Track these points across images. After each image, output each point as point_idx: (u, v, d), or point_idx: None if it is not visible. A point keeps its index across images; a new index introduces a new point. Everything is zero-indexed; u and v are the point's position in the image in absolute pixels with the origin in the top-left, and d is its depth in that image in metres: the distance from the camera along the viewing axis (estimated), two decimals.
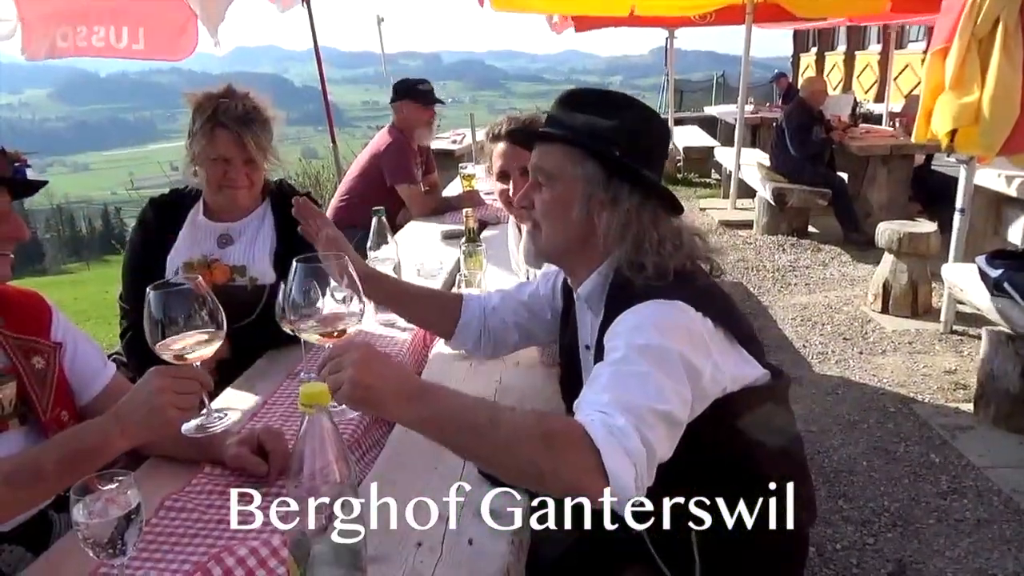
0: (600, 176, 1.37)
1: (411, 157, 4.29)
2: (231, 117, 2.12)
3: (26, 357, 1.49)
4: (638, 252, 1.34)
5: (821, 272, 6.02)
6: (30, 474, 1.23)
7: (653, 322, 1.24)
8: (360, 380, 1.08)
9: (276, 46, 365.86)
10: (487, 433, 1.11)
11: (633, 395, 1.15)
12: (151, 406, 1.23)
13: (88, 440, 1.26)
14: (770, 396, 1.39)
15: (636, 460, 1.08)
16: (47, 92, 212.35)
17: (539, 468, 1.09)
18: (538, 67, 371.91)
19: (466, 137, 7.74)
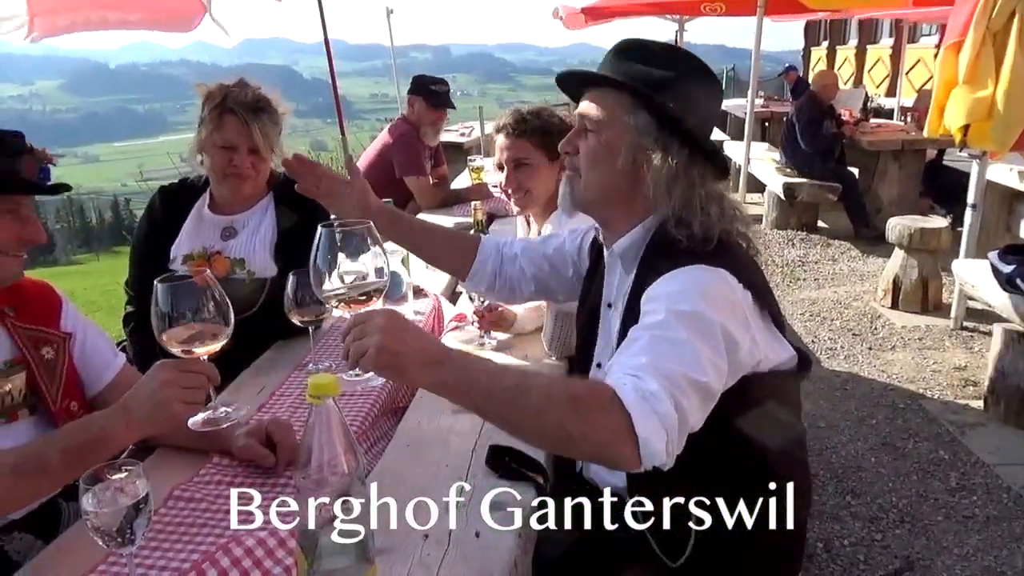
0: (651, 126, 1.34)
1: (421, 149, 4.29)
2: (240, 104, 2.12)
3: (36, 347, 1.49)
4: (686, 209, 1.31)
5: (830, 267, 5.99)
6: (36, 465, 1.24)
7: (696, 288, 1.22)
8: (387, 346, 1.07)
9: (285, 38, 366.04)
10: (515, 398, 1.10)
11: (669, 361, 1.13)
12: (157, 400, 1.24)
13: (94, 432, 1.26)
14: (794, 381, 1.39)
15: (668, 426, 1.07)
16: (57, 83, 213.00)
17: (567, 431, 1.08)
18: (548, 60, 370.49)
19: (475, 130, 7.72)
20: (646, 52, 1.40)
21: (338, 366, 1.96)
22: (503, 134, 2.26)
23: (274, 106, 2.18)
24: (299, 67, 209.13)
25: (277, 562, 1.16)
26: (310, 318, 1.85)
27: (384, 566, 1.14)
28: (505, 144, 2.26)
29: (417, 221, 1.86)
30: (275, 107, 2.19)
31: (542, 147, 2.21)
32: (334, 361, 1.97)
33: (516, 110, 2.27)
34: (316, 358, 1.98)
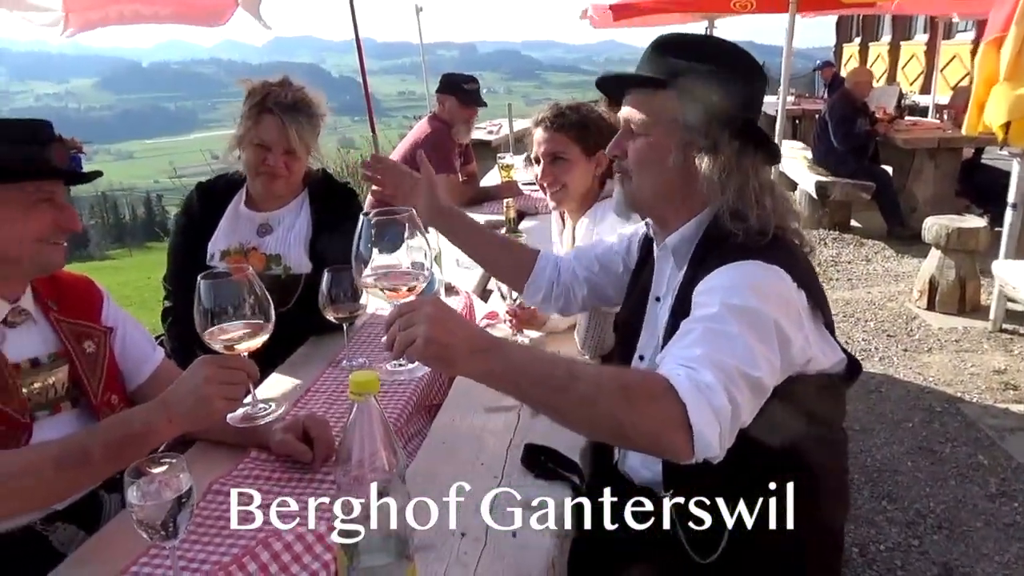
0: (699, 121, 1.31)
1: (450, 147, 4.30)
2: (279, 105, 2.14)
3: (78, 341, 1.52)
4: (741, 201, 1.29)
5: (864, 267, 5.90)
6: (78, 457, 1.26)
7: (750, 283, 1.20)
8: (434, 336, 1.06)
9: (314, 36, 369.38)
10: (564, 386, 1.09)
11: (723, 354, 1.12)
12: (198, 396, 1.25)
13: (135, 426, 1.28)
14: (841, 386, 1.36)
15: (722, 419, 1.06)
16: (92, 82, 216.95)
17: (619, 421, 1.07)
18: (574, 57, 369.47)
19: (503, 128, 7.72)
20: (685, 46, 1.38)
21: (372, 359, 1.97)
22: (541, 127, 2.24)
23: (313, 108, 2.20)
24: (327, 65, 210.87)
25: (316, 557, 1.17)
26: (344, 315, 1.86)
27: (422, 564, 1.13)
28: (542, 138, 2.24)
29: (479, 226, 1.85)
30: (315, 108, 2.20)
31: (579, 141, 2.18)
32: (368, 358, 1.98)
33: (555, 104, 2.25)
34: (350, 355, 1.99)
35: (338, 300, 1.83)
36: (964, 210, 6.55)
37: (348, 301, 1.83)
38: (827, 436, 1.38)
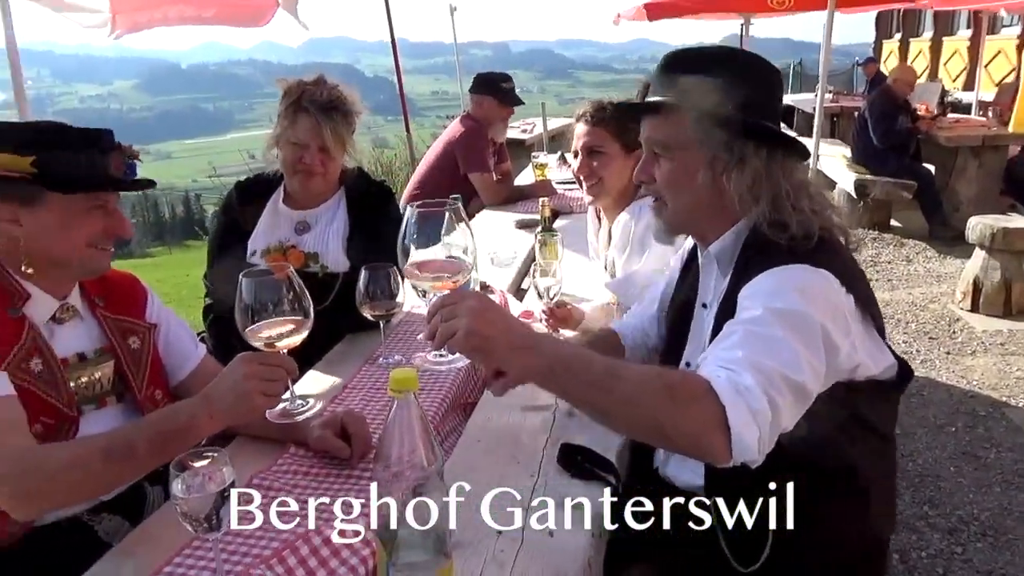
0: (721, 137, 1.30)
1: (485, 146, 4.31)
2: (315, 104, 2.16)
3: (123, 337, 1.55)
4: (778, 210, 1.28)
5: (904, 268, 5.78)
6: (125, 450, 1.28)
7: (796, 286, 1.19)
8: (476, 329, 1.06)
9: (348, 37, 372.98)
10: (606, 385, 1.09)
11: (765, 357, 1.10)
12: (239, 391, 1.28)
13: (179, 421, 1.31)
14: (893, 392, 1.34)
15: (760, 422, 1.05)
16: (133, 83, 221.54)
17: (659, 422, 1.07)
18: (607, 56, 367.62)
19: (537, 127, 7.72)
20: (693, 61, 1.37)
21: (409, 356, 1.98)
22: (582, 121, 2.26)
23: (348, 106, 2.22)
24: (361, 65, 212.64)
25: (354, 552, 1.18)
26: (381, 312, 1.87)
27: (459, 561, 1.14)
28: (582, 131, 2.25)
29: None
30: (349, 107, 2.22)
31: (618, 137, 2.18)
32: (404, 355, 1.99)
33: (598, 100, 2.26)
34: (387, 352, 2.00)
35: (375, 298, 1.84)
36: (1009, 209, 6.38)
37: (385, 299, 1.84)
38: (877, 444, 1.35)
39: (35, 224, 1.38)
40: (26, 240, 1.38)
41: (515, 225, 3.66)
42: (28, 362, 1.37)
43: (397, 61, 5.14)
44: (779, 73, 1.44)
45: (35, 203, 1.37)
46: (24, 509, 1.28)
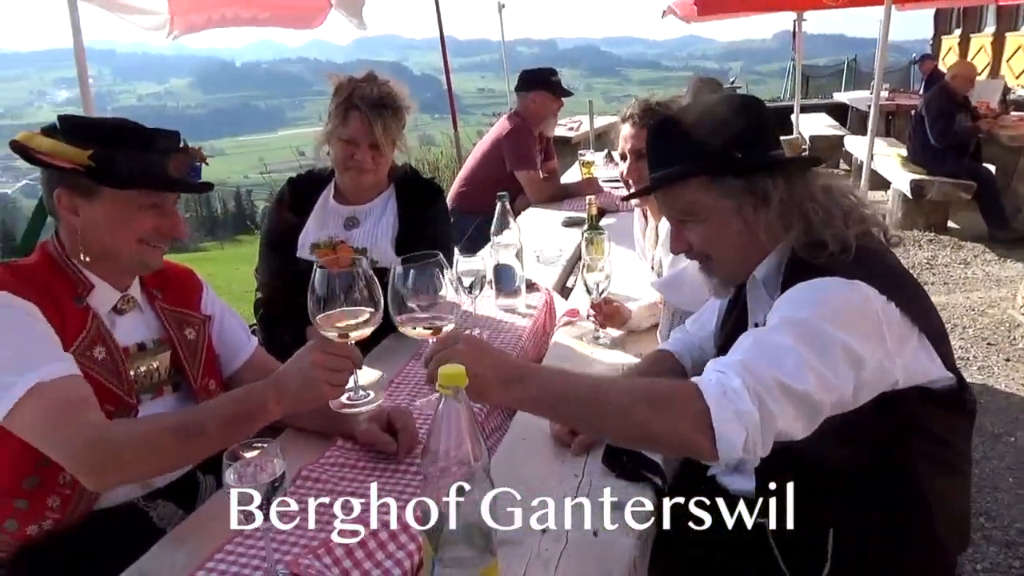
0: (737, 185, 1.31)
1: (532, 144, 4.31)
2: (365, 101, 2.19)
3: (180, 328, 1.60)
4: (810, 232, 1.27)
5: (962, 271, 5.60)
6: (194, 430, 1.31)
7: (818, 298, 1.18)
8: (468, 369, 1.09)
9: (397, 35, 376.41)
10: (595, 403, 1.17)
11: (763, 363, 1.13)
12: (306, 378, 1.30)
13: (247, 404, 1.33)
14: (949, 403, 1.28)
15: (748, 423, 1.08)
16: (188, 81, 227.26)
17: (649, 428, 1.14)
18: (655, 53, 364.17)
19: (583, 124, 7.69)
20: (675, 124, 1.38)
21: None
22: (628, 123, 2.20)
23: (399, 102, 2.24)
24: (409, 63, 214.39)
25: (400, 546, 1.20)
26: None
27: (503, 559, 1.14)
28: (629, 134, 2.20)
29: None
30: (400, 103, 2.24)
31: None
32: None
33: (644, 100, 2.20)
34: None
35: (421, 293, 1.85)
36: None
37: (431, 294, 1.85)
38: (941, 455, 1.30)
39: (90, 216, 1.43)
40: (82, 230, 1.43)
41: (561, 223, 3.65)
42: (92, 350, 1.41)
43: (446, 59, 5.16)
44: (756, 99, 1.45)
45: (92, 196, 1.42)
46: (97, 481, 1.31)
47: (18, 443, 1.30)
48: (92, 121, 1.49)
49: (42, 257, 1.46)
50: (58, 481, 1.37)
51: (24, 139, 1.40)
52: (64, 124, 1.42)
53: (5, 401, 1.25)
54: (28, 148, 1.39)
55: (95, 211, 1.42)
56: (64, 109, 30.96)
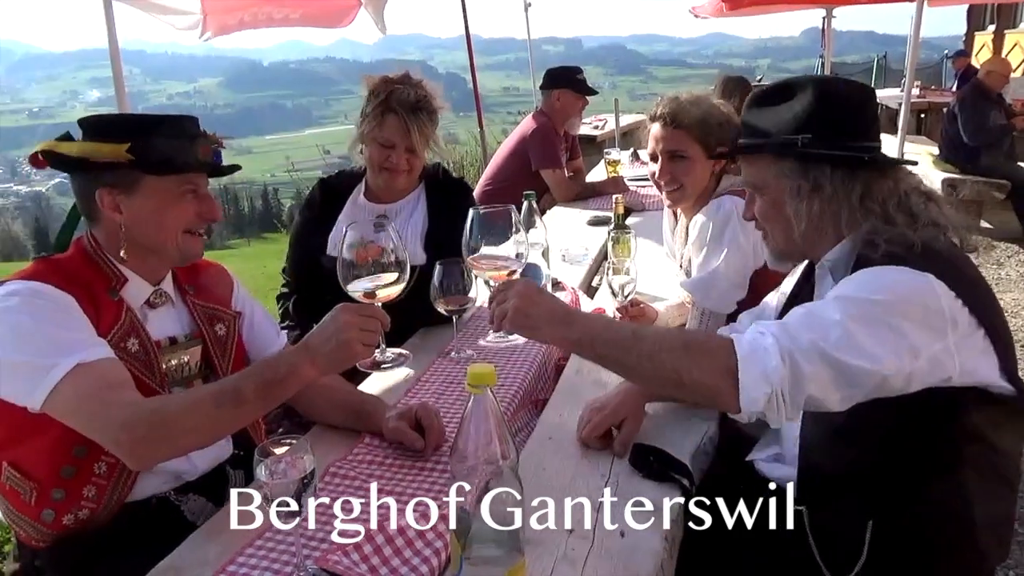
0: (796, 169, 1.35)
1: (557, 142, 4.30)
2: (402, 104, 2.20)
3: (211, 323, 1.62)
4: (876, 228, 1.29)
5: (995, 272, 5.50)
6: (233, 398, 1.34)
7: (877, 284, 1.20)
8: (521, 308, 1.30)
9: (422, 34, 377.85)
10: (631, 346, 1.26)
11: (804, 328, 1.17)
12: (339, 339, 1.34)
13: (281, 370, 1.36)
14: (1007, 411, 1.26)
15: (774, 380, 1.14)
16: (217, 81, 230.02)
17: (677, 372, 1.21)
18: (681, 51, 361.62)
19: (608, 123, 7.65)
20: (770, 96, 1.43)
21: (480, 352, 2.00)
22: (659, 123, 2.13)
23: (433, 103, 2.26)
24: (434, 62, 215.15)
25: (427, 543, 1.20)
26: (454, 307, 1.89)
27: (530, 558, 1.14)
28: (660, 134, 2.13)
29: None
30: (434, 104, 2.26)
31: (700, 140, 2.07)
32: (477, 350, 2.01)
33: (675, 97, 2.13)
34: (459, 346, 2.02)
35: (448, 292, 1.86)
36: None
37: (459, 293, 1.86)
38: (990, 464, 1.28)
39: (134, 211, 1.46)
40: (127, 227, 1.46)
41: (587, 222, 3.64)
42: (126, 342, 1.44)
43: (472, 58, 5.16)
44: (862, 89, 1.45)
45: (133, 190, 1.45)
46: (143, 454, 1.33)
47: (57, 433, 1.33)
48: (116, 118, 1.52)
49: (77, 252, 1.49)
50: (94, 471, 1.40)
51: (50, 147, 1.43)
52: (90, 125, 1.46)
53: (47, 382, 1.28)
54: (61, 154, 1.42)
55: (138, 205, 1.46)
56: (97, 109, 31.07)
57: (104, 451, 1.37)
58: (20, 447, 1.39)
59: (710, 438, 1.58)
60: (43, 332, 1.32)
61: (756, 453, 1.57)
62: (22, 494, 1.40)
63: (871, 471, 1.28)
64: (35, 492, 1.39)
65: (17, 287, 1.35)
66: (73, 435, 1.33)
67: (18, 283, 1.36)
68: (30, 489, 1.39)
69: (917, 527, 1.27)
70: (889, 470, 1.28)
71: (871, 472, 1.28)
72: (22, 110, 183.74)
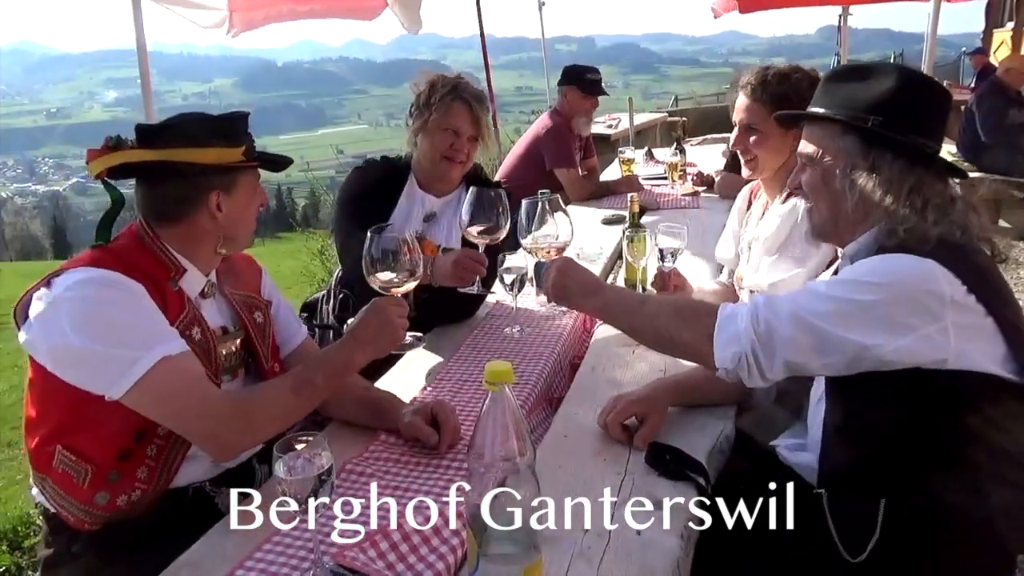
0: (859, 147, 1.37)
1: (571, 141, 4.29)
2: (470, 93, 2.27)
3: (249, 312, 1.65)
4: (891, 218, 1.32)
5: (1014, 272, 5.44)
6: (307, 386, 1.47)
7: (875, 268, 1.27)
8: (558, 281, 1.57)
9: (435, 34, 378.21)
10: (637, 310, 1.48)
11: (788, 299, 1.30)
12: (382, 320, 1.52)
13: (340, 359, 1.51)
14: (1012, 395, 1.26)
15: (743, 342, 1.29)
16: (232, 81, 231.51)
17: (671, 336, 1.42)
18: (694, 49, 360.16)
19: (622, 121, 7.64)
20: (852, 73, 1.45)
21: (500, 345, 2.00)
22: (743, 93, 2.14)
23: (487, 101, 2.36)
24: (447, 61, 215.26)
25: (444, 541, 1.21)
26: (485, 240, 1.97)
27: (546, 555, 1.14)
28: (742, 105, 2.14)
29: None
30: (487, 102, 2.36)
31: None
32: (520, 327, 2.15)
33: (763, 70, 2.12)
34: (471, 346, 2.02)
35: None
36: None
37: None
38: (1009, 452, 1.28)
39: (232, 208, 1.52)
40: (226, 224, 1.52)
41: (602, 220, 3.64)
42: (190, 330, 1.47)
43: (486, 57, 5.17)
44: (942, 91, 1.46)
45: (232, 189, 1.52)
46: (233, 446, 1.44)
47: (121, 419, 1.36)
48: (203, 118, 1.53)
49: (132, 240, 1.50)
50: (147, 453, 1.42)
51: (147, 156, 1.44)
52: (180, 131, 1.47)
53: (131, 375, 1.31)
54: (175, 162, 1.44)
55: (235, 202, 1.52)
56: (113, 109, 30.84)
57: (156, 434, 1.41)
58: (81, 433, 1.40)
59: (726, 437, 1.57)
60: (122, 323, 1.34)
61: (780, 440, 1.60)
62: (75, 477, 1.41)
63: (887, 456, 1.31)
64: (90, 475, 1.41)
65: (88, 275, 1.36)
66: (135, 420, 1.36)
67: (86, 271, 1.37)
68: (84, 472, 1.41)
69: (929, 508, 1.28)
70: (904, 454, 1.30)
71: (887, 456, 1.31)
72: (40, 111, 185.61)
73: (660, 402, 1.57)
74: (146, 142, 1.45)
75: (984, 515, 1.26)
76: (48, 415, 1.42)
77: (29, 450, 1.46)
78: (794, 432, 1.60)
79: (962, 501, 1.26)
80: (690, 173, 4.30)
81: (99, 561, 1.45)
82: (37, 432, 1.44)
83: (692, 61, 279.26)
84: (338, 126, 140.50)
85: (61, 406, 1.39)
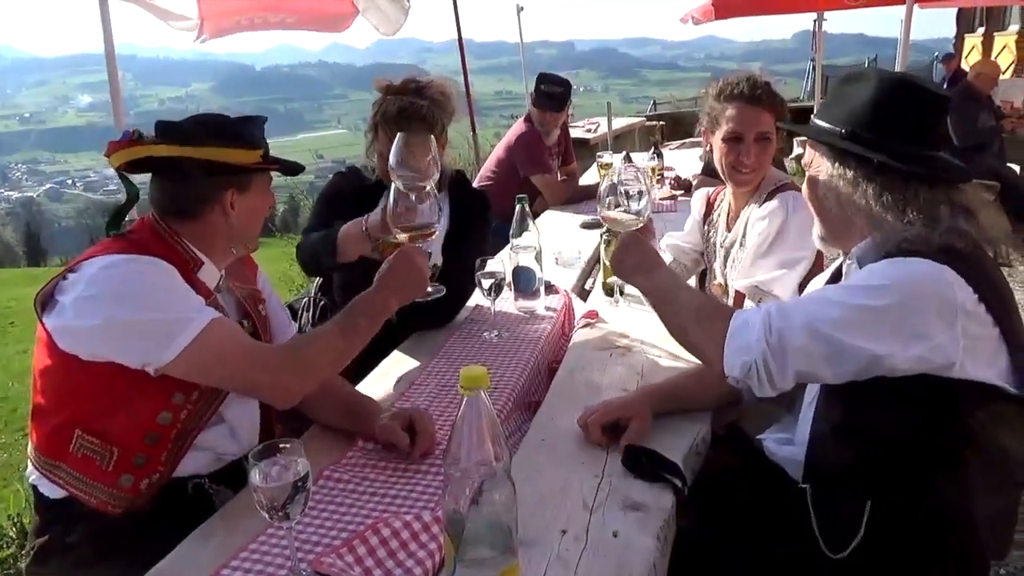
0: (835, 158, 1.40)
1: (543, 147, 4.29)
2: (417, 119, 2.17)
3: (254, 305, 1.68)
4: (880, 229, 1.33)
5: None
6: (353, 329, 1.55)
7: (888, 273, 1.25)
8: (617, 256, 1.61)
9: (415, 38, 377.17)
10: (668, 301, 1.50)
11: (800, 307, 1.30)
12: (410, 267, 1.58)
13: (376, 306, 1.57)
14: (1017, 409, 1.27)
15: (754, 352, 1.27)
16: (209, 85, 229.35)
17: (686, 333, 1.46)
18: (673, 54, 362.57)
19: (601, 126, 7.68)
20: (848, 79, 1.46)
21: (476, 349, 2.01)
22: (741, 102, 2.02)
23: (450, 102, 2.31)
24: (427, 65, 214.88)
25: (422, 545, 1.21)
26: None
27: (523, 559, 1.15)
28: (754, 116, 2.02)
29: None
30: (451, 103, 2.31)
31: (778, 120, 2.04)
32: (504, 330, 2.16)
33: (749, 76, 2.05)
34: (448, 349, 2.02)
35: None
36: None
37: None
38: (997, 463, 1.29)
39: (244, 207, 1.56)
40: (239, 223, 1.55)
41: (580, 225, 3.65)
42: None
43: (464, 62, 5.18)
44: (924, 92, 1.39)
45: (246, 189, 1.55)
46: (296, 391, 1.51)
47: (147, 401, 1.39)
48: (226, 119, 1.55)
49: (148, 232, 1.52)
50: (170, 436, 1.44)
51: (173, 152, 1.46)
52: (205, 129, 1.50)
53: (187, 334, 1.35)
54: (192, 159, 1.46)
55: (247, 202, 1.56)
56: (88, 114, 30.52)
57: (178, 417, 1.44)
58: (105, 417, 1.41)
59: (702, 439, 1.59)
60: (168, 291, 1.40)
61: (768, 434, 1.61)
62: (98, 460, 1.41)
63: (876, 457, 1.31)
64: (115, 457, 1.41)
65: (120, 257, 1.39)
66: (160, 403, 1.40)
67: (115, 256, 1.39)
68: (109, 455, 1.41)
69: (914, 511, 1.29)
70: (897, 457, 1.30)
71: (876, 458, 1.31)
72: (12, 115, 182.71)
73: (643, 408, 1.56)
74: (171, 138, 1.48)
75: (969, 522, 1.28)
76: (65, 402, 1.43)
77: (36, 438, 1.47)
78: (783, 426, 1.61)
79: (950, 507, 1.28)
80: (668, 177, 4.33)
81: (93, 552, 1.44)
82: (49, 420, 1.44)
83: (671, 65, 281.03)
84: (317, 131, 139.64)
85: (84, 392, 1.41)
